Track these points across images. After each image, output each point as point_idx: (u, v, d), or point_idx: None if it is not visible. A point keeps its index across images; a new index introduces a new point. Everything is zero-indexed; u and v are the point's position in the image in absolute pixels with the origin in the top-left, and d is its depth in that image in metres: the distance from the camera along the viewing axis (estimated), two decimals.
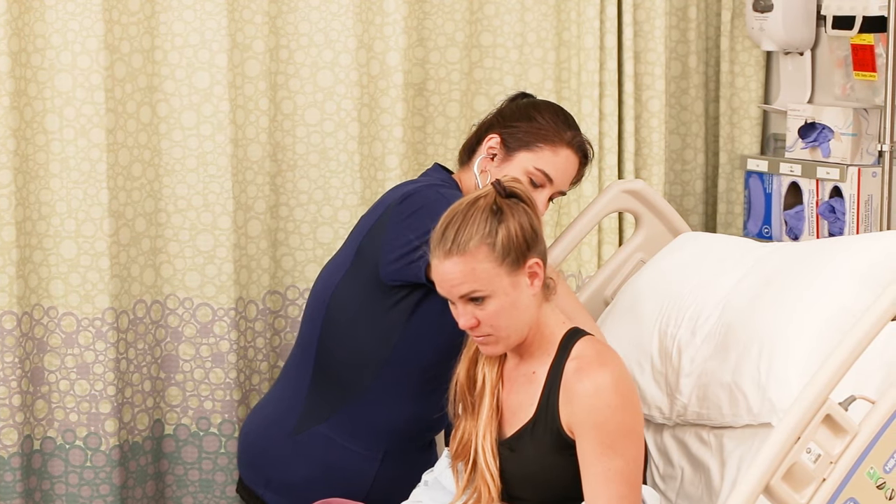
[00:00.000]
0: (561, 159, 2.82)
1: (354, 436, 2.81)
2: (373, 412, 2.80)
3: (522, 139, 2.83)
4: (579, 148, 2.85)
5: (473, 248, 2.35)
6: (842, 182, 3.53)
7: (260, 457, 2.89)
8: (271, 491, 2.86)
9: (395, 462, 2.82)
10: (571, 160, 2.84)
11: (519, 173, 2.80)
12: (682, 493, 2.67)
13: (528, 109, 2.87)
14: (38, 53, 3.22)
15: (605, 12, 3.64)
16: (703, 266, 2.83)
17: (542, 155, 2.82)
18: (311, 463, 2.82)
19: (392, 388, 2.79)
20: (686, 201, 3.93)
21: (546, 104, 2.92)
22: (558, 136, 2.83)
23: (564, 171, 2.83)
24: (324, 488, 2.78)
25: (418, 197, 2.75)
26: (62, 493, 3.31)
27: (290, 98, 3.49)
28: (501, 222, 2.36)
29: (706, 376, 2.63)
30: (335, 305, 2.85)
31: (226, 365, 3.40)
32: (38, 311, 3.28)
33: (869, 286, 2.52)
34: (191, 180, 3.38)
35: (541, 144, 2.82)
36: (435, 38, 3.60)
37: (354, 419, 2.81)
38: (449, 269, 2.37)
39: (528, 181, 2.80)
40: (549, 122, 2.84)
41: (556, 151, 2.82)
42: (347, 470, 2.81)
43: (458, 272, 2.36)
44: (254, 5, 3.41)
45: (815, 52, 3.74)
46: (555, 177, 2.82)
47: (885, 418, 2.24)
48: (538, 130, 2.83)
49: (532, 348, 2.46)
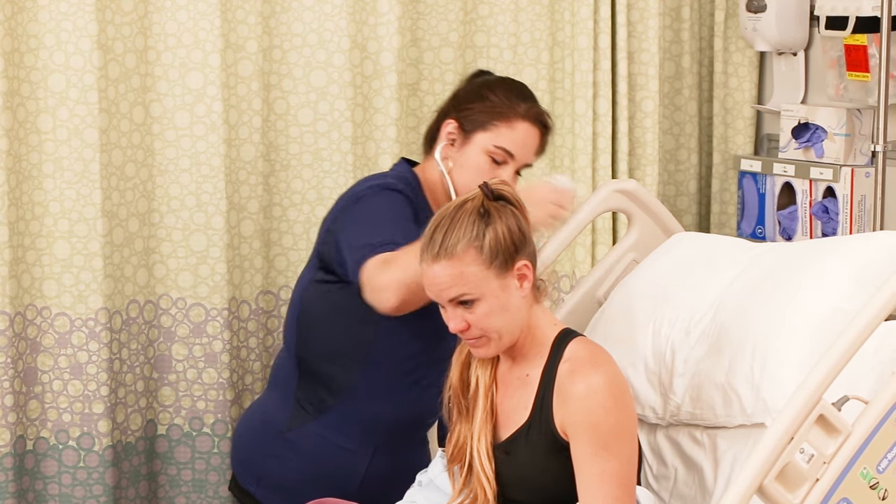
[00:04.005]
0: (519, 133, 2.83)
1: (344, 432, 2.82)
2: (360, 409, 2.81)
3: (478, 120, 2.83)
4: (536, 119, 2.85)
5: (461, 252, 2.35)
6: (835, 182, 3.53)
7: (251, 455, 2.90)
8: (263, 488, 2.87)
9: (385, 457, 2.84)
10: (530, 132, 2.85)
11: (479, 154, 2.81)
12: (676, 494, 2.67)
13: (480, 89, 2.88)
14: (31, 53, 3.22)
15: (598, 13, 3.64)
16: (697, 266, 2.83)
17: (499, 132, 2.82)
18: (302, 460, 2.83)
19: (375, 385, 2.81)
20: (680, 201, 3.94)
21: (499, 80, 2.92)
22: (512, 110, 2.83)
23: (524, 144, 2.84)
24: (315, 485, 2.80)
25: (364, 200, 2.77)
26: (55, 494, 3.31)
27: (284, 98, 3.49)
28: (489, 225, 2.36)
29: (700, 376, 2.63)
30: (307, 307, 2.88)
31: (219, 365, 3.40)
32: (32, 311, 3.28)
33: (862, 286, 2.52)
34: (184, 180, 3.38)
35: (496, 122, 2.82)
36: (429, 38, 3.60)
37: (343, 416, 2.82)
38: (437, 273, 2.36)
39: (489, 160, 2.82)
40: (501, 99, 2.84)
41: (513, 126, 2.82)
42: (338, 466, 2.82)
43: (446, 276, 2.36)
44: (247, 5, 3.41)
45: (808, 53, 3.74)
46: (515, 151, 2.83)
47: (879, 418, 2.24)
48: (492, 109, 2.83)
49: (524, 350, 2.46)
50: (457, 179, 2.84)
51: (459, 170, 2.84)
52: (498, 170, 2.81)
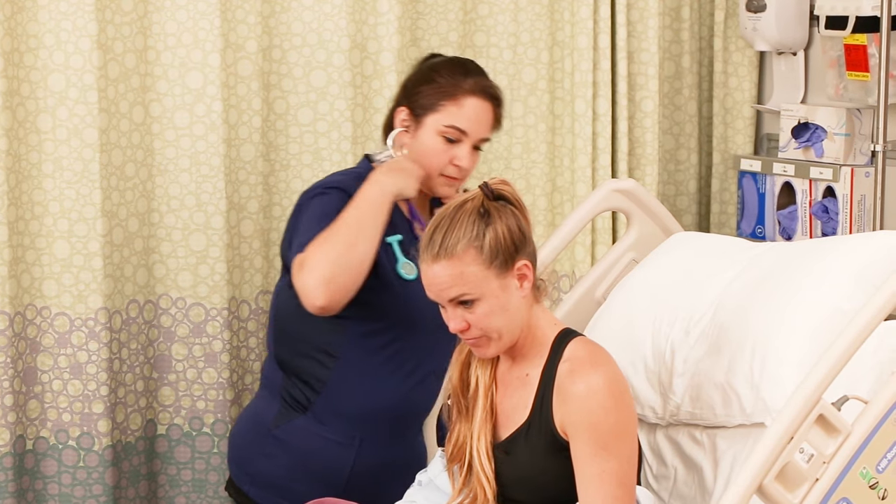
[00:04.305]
0: (467, 109, 2.84)
1: (329, 425, 2.84)
2: (341, 402, 2.83)
3: (426, 103, 2.85)
4: (483, 92, 2.86)
5: (461, 252, 2.35)
6: (835, 182, 3.53)
7: (243, 454, 2.93)
8: (256, 487, 2.89)
9: (372, 449, 2.86)
10: (480, 106, 2.85)
11: (432, 136, 2.83)
12: (675, 493, 2.67)
13: (427, 72, 2.89)
14: (30, 53, 3.22)
15: (598, 12, 3.64)
16: (697, 266, 2.83)
17: (447, 111, 2.83)
18: (290, 456, 2.85)
19: (353, 378, 2.83)
20: (679, 201, 3.94)
21: (444, 61, 2.93)
22: (458, 87, 2.84)
23: (475, 119, 2.85)
24: (305, 479, 2.83)
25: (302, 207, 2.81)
26: (55, 494, 3.31)
27: (283, 98, 3.49)
28: (489, 225, 2.36)
29: (699, 376, 2.63)
30: (280, 310, 2.92)
31: (218, 365, 3.40)
32: (31, 311, 3.28)
33: (862, 286, 2.52)
34: (183, 180, 3.38)
35: (444, 102, 2.84)
36: (429, 38, 3.60)
37: (326, 410, 2.84)
38: (437, 273, 2.36)
39: (443, 140, 2.83)
40: (447, 78, 2.85)
41: (460, 103, 2.83)
42: (325, 460, 2.84)
43: (446, 276, 2.36)
44: (247, 5, 3.41)
45: (808, 53, 3.74)
46: (467, 128, 2.84)
47: (878, 418, 2.24)
48: (439, 89, 2.84)
49: (524, 350, 2.46)
50: (416, 163, 2.86)
51: (416, 154, 2.86)
52: (454, 148, 2.83)
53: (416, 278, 2.76)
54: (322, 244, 2.64)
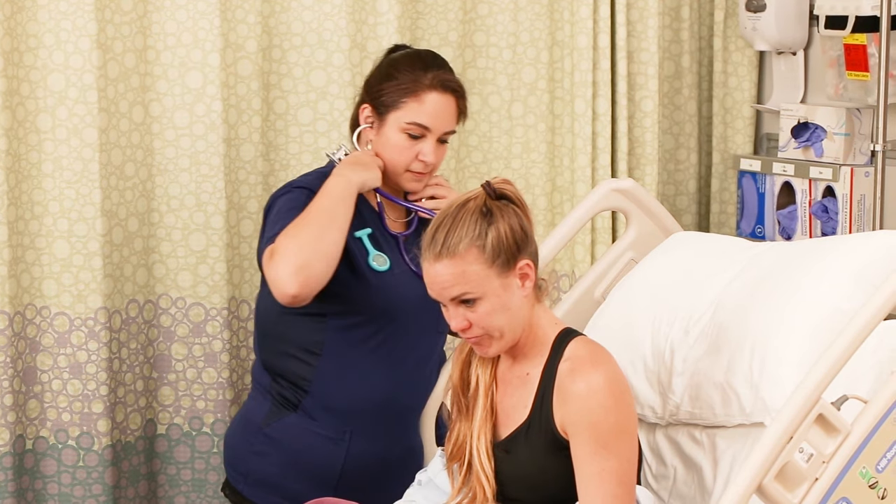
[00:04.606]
0: (428, 105, 2.84)
1: (319, 420, 2.85)
2: (329, 397, 2.84)
3: (388, 101, 2.85)
4: (443, 86, 2.86)
5: (463, 251, 2.35)
6: (834, 182, 3.53)
7: (236, 453, 2.94)
8: (250, 485, 2.89)
9: (363, 442, 2.86)
10: (441, 100, 2.86)
11: (395, 133, 2.84)
12: (675, 493, 2.67)
13: (388, 70, 2.89)
14: (30, 53, 3.22)
15: (598, 12, 3.64)
16: (696, 265, 2.83)
17: (408, 108, 2.84)
18: (284, 452, 2.86)
19: (338, 373, 2.84)
20: (679, 201, 3.94)
21: (404, 56, 2.93)
22: (417, 84, 2.84)
23: (437, 114, 2.85)
24: (297, 476, 2.84)
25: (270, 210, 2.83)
26: (54, 493, 3.31)
27: (283, 98, 3.49)
28: (491, 224, 2.36)
29: (699, 376, 2.63)
30: (261, 312, 2.94)
31: (218, 364, 3.40)
32: (31, 310, 3.28)
33: (861, 286, 2.52)
34: (183, 180, 3.38)
35: (405, 99, 2.84)
36: (428, 37, 3.60)
37: (314, 406, 2.85)
38: (439, 272, 2.37)
39: (406, 136, 2.84)
40: (407, 74, 2.85)
41: (421, 99, 2.84)
42: (317, 455, 2.85)
43: (448, 275, 2.36)
44: (246, 5, 3.41)
45: (807, 52, 3.74)
46: (430, 124, 2.84)
47: (878, 418, 2.24)
48: (399, 87, 2.84)
49: (525, 349, 2.46)
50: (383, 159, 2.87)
51: (382, 151, 2.87)
52: (418, 144, 2.84)
53: (390, 269, 2.80)
54: (292, 233, 2.66)
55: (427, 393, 2.91)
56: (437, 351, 2.95)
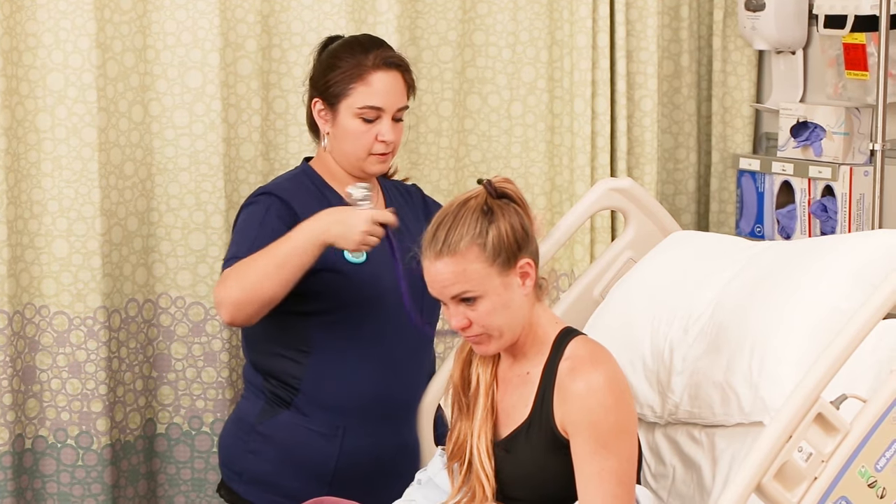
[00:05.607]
0: (376, 85, 2.85)
1: (311, 417, 2.86)
2: (321, 394, 2.85)
3: (336, 90, 2.86)
4: (387, 64, 2.87)
5: (464, 249, 2.35)
6: (834, 181, 3.53)
7: (231, 452, 2.94)
8: (244, 484, 2.90)
9: (357, 438, 2.87)
10: (388, 78, 2.87)
11: (350, 119, 2.85)
12: (674, 492, 2.67)
13: (329, 60, 2.90)
14: (29, 52, 3.22)
15: (597, 11, 3.64)
16: (695, 265, 2.83)
17: (358, 93, 2.85)
18: (276, 450, 2.87)
19: (327, 368, 2.85)
20: (678, 200, 3.94)
21: (342, 44, 2.93)
22: (361, 67, 2.85)
23: (387, 92, 2.86)
24: (292, 473, 2.85)
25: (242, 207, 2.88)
26: (54, 492, 3.31)
27: (283, 97, 3.49)
28: (492, 223, 2.37)
29: (698, 375, 2.63)
30: None
31: (218, 364, 3.40)
32: (30, 309, 3.28)
33: (860, 285, 2.52)
34: (183, 179, 3.38)
35: (352, 85, 2.85)
36: (427, 37, 3.60)
37: (307, 403, 2.86)
38: (440, 270, 2.37)
39: (362, 121, 2.85)
40: (349, 60, 2.86)
41: (368, 81, 2.85)
42: (310, 452, 2.86)
43: (449, 273, 2.36)
44: (246, 4, 3.41)
45: (807, 52, 3.74)
46: (382, 103, 2.85)
47: (877, 417, 2.24)
48: (343, 74, 2.85)
49: (525, 349, 2.46)
50: (342, 149, 2.88)
51: (341, 141, 2.88)
52: (375, 126, 2.85)
53: (366, 260, 2.79)
54: (241, 272, 2.71)
55: (421, 390, 2.90)
56: (426, 343, 2.95)
